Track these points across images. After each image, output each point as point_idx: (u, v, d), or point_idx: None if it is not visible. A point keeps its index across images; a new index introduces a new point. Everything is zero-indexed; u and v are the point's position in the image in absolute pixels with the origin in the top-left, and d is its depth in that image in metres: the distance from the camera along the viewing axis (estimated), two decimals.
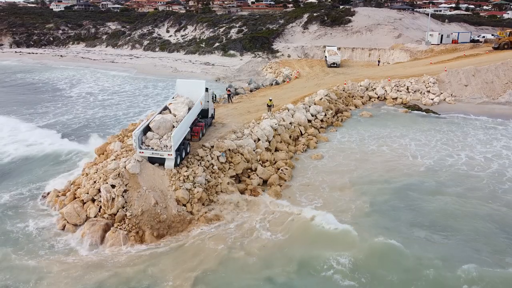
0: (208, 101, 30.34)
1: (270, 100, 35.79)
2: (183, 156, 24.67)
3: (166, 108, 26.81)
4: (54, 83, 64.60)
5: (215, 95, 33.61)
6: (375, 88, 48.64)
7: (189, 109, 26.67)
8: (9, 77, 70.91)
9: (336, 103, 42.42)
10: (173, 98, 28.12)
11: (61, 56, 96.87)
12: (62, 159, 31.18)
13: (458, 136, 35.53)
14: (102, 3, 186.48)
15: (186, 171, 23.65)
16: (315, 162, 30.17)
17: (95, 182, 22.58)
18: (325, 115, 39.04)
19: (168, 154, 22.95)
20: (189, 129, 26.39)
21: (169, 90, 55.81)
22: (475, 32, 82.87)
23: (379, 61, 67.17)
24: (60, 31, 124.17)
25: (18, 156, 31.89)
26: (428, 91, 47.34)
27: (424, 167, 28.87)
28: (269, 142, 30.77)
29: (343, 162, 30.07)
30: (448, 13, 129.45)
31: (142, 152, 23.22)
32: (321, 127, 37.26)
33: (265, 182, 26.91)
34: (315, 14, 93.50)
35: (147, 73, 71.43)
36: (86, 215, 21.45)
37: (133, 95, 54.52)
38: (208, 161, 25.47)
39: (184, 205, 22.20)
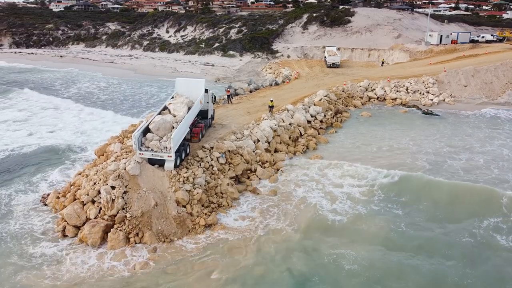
0: (207, 102, 30.38)
1: (272, 101, 35.80)
2: (183, 157, 24.71)
3: (165, 108, 26.82)
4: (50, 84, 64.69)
5: (215, 96, 33.72)
6: (374, 89, 48.70)
7: (189, 109, 26.68)
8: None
9: (335, 104, 42.44)
10: (173, 97, 28.12)
11: (60, 56, 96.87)
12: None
13: (458, 136, 35.56)
14: (102, 3, 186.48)
15: (186, 172, 23.70)
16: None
17: (95, 183, 22.62)
18: (325, 115, 39.04)
19: (168, 156, 22.99)
20: (188, 129, 26.43)
21: (166, 89, 55.93)
22: (474, 33, 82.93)
23: (382, 62, 65.73)
24: (60, 32, 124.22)
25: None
26: (428, 92, 47.42)
27: (423, 169, 28.80)
28: (269, 143, 30.83)
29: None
30: (448, 13, 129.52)
31: (142, 154, 23.27)
32: (321, 128, 37.25)
33: None
34: (314, 15, 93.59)
35: (147, 74, 71.45)
36: (86, 217, 21.48)
37: (134, 94, 54.72)
38: (208, 162, 25.51)
39: (184, 206, 22.25)
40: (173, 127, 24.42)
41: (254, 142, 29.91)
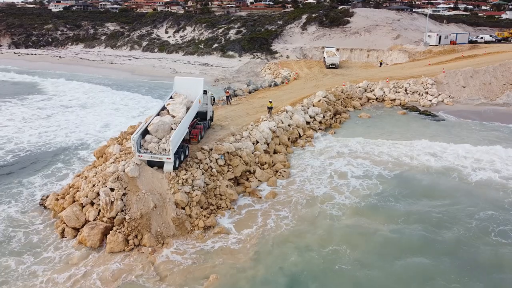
0: (206, 104, 30.39)
1: (271, 102, 35.79)
2: (182, 159, 24.71)
3: (164, 108, 26.74)
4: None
5: (214, 97, 33.74)
6: (373, 90, 48.76)
7: (188, 109, 26.64)
8: None
9: (334, 105, 42.49)
10: (171, 97, 28.04)
11: (59, 57, 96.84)
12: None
13: (457, 138, 35.56)
14: (101, 3, 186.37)
15: (185, 174, 23.70)
16: None
17: (94, 185, 22.60)
18: (324, 116, 39.09)
19: (167, 158, 22.99)
20: (187, 130, 26.41)
21: (165, 90, 55.99)
22: (473, 33, 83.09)
23: (381, 63, 65.84)
24: (59, 32, 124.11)
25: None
26: (426, 93, 47.50)
27: (422, 171, 28.84)
28: (268, 144, 30.85)
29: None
30: (447, 13, 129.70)
31: (141, 156, 23.25)
32: (320, 129, 37.31)
33: None
34: (313, 15, 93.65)
35: (146, 75, 71.46)
36: (85, 219, 21.48)
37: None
38: (207, 164, 25.52)
39: (183, 208, 22.26)
40: (172, 129, 24.42)
41: (253, 143, 29.92)
